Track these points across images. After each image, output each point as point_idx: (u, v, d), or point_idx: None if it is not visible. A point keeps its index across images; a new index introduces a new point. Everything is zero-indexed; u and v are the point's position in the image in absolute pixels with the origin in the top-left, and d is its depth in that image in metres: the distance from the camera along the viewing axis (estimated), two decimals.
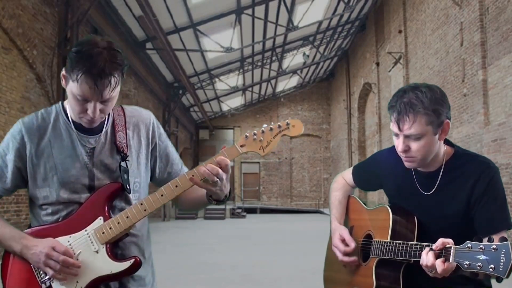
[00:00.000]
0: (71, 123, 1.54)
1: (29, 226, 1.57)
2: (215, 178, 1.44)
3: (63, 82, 1.47)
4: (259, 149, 1.50)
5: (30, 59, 8.81)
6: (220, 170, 1.44)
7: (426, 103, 1.55)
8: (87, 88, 1.38)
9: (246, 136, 1.50)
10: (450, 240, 1.39)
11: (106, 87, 1.39)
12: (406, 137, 1.59)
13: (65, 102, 1.59)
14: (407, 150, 1.61)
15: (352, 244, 1.79)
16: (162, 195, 1.48)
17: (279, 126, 1.49)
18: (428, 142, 1.58)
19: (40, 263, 1.41)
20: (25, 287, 1.46)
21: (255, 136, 1.50)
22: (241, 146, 1.50)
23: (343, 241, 1.82)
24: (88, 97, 1.40)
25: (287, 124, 1.50)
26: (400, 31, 15.80)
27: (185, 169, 1.72)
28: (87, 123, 1.49)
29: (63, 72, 1.45)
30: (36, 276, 1.45)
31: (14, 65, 8.44)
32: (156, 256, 1.74)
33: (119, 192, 1.53)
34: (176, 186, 1.48)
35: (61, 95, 9.50)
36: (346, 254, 1.80)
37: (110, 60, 1.38)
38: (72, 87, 1.41)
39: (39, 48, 9.13)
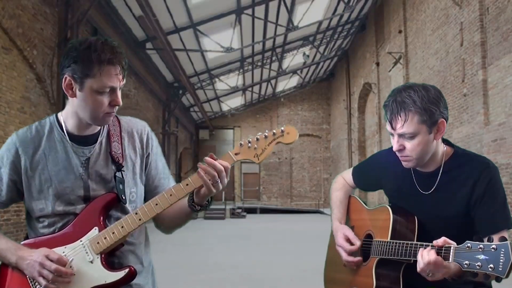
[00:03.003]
0: (66, 134, 1.54)
1: (26, 238, 1.57)
2: (215, 180, 1.44)
3: (70, 92, 1.46)
4: (254, 156, 1.50)
5: (30, 59, 8.81)
6: (216, 175, 1.44)
7: (418, 102, 1.55)
8: (111, 75, 1.42)
9: (241, 144, 1.51)
10: (451, 241, 1.39)
11: (124, 67, 1.46)
12: (400, 136, 1.61)
13: (59, 114, 1.59)
14: (401, 149, 1.62)
15: (358, 242, 1.79)
16: (156, 204, 1.48)
17: (274, 134, 1.50)
18: (422, 141, 1.59)
19: (35, 273, 1.41)
20: None
21: (249, 144, 1.50)
22: (236, 154, 1.51)
23: (348, 240, 1.82)
24: (113, 84, 1.43)
25: (282, 131, 1.50)
26: (400, 31, 15.79)
27: (173, 183, 1.70)
28: (110, 116, 1.50)
29: (67, 81, 1.45)
30: (31, 287, 1.45)
31: (14, 65, 8.44)
32: (156, 256, 1.74)
33: (115, 202, 1.52)
34: (171, 195, 1.48)
35: (61, 95, 9.50)
36: (351, 253, 1.80)
37: (113, 44, 1.45)
38: (94, 84, 1.42)
39: (39, 48, 9.13)
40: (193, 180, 1.47)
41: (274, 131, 1.50)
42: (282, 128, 1.50)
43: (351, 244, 1.80)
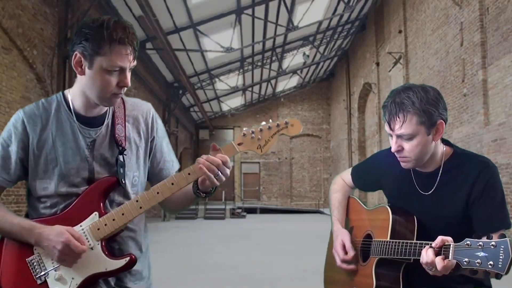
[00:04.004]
0: (73, 114, 1.52)
1: (26, 215, 1.56)
2: (215, 173, 1.44)
3: (79, 70, 1.44)
4: (257, 148, 1.48)
5: (30, 59, 8.81)
6: (215, 169, 1.43)
7: (416, 103, 1.55)
8: (121, 54, 1.40)
9: (244, 134, 1.49)
10: (449, 238, 1.39)
11: (135, 48, 1.43)
12: (398, 137, 1.60)
13: (66, 92, 1.57)
14: (400, 150, 1.62)
15: (351, 253, 1.79)
16: (158, 193, 1.46)
17: (278, 125, 1.48)
18: (420, 142, 1.59)
19: (54, 258, 1.42)
20: (19, 280, 1.45)
21: (253, 135, 1.48)
22: (239, 144, 1.49)
23: (344, 247, 1.82)
24: (123, 64, 1.41)
25: (286, 123, 1.48)
26: (400, 31, 15.80)
27: (177, 166, 1.71)
28: (116, 97, 1.47)
29: (77, 58, 1.42)
30: (31, 271, 1.44)
31: (14, 65, 8.45)
32: (156, 256, 1.74)
33: (115, 186, 1.51)
34: (172, 184, 1.46)
35: None
36: (344, 261, 1.81)
37: (126, 24, 1.42)
38: (103, 62, 1.40)
39: (39, 48, 9.13)
40: (195, 169, 1.46)
41: (278, 122, 1.49)
42: (286, 120, 1.49)
43: (346, 252, 1.81)
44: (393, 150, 1.63)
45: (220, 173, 1.44)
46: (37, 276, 1.43)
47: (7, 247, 1.48)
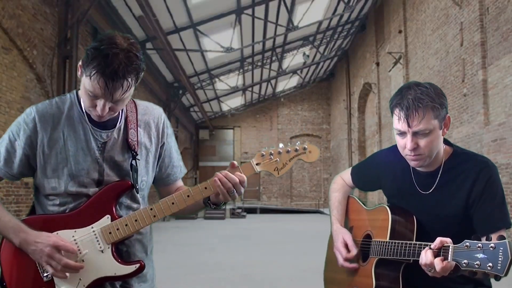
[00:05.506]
0: (85, 115, 1.52)
1: (31, 209, 1.56)
2: (230, 191, 1.47)
3: (79, 73, 1.46)
4: (274, 170, 1.52)
5: (30, 59, 8.81)
6: (231, 186, 1.47)
7: (432, 96, 1.55)
8: (98, 86, 1.37)
9: (263, 155, 1.52)
10: (448, 239, 1.39)
11: (117, 89, 1.37)
12: (415, 134, 1.57)
13: (80, 92, 1.57)
14: (416, 147, 1.59)
15: (354, 251, 1.79)
16: (173, 203, 1.49)
17: (296, 150, 1.54)
18: (435, 137, 1.59)
19: (42, 261, 1.41)
20: (24, 275, 1.45)
21: (271, 156, 1.52)
22: (257, 164, 1.52)
23: (346, 246, 1.82)
24: (99, 95, 1.39)
25: (304, 149, 1.54)
26: (400, 31, 15.79)
27: (184, 172, 1.73)
28: (95, 117, 1.48)
29: (80, 63, 1.45)
30: (38, 267, 1.44)
31: (14, 65, 8.44)
32: (156, 256, 1.74)
33: (128, 190, 1.53)
34: (188, 196, 1.49)
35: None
36: (347, 259, 1.80)
37: (126, 63, 1.35)
38: (85, 82, 1.40)
39: (39, 48, 9.13)
40: (212, 185, 1.49)
41: (297, 147, 1.55)
42: (305, 146, 1.55)
43: (349, 250, 1.80)
44: (409, 147, 1.59)
45: (234, 191, 1.47)
46: (44, 274, 1.44)
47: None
